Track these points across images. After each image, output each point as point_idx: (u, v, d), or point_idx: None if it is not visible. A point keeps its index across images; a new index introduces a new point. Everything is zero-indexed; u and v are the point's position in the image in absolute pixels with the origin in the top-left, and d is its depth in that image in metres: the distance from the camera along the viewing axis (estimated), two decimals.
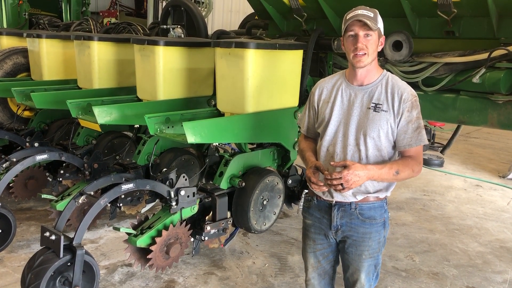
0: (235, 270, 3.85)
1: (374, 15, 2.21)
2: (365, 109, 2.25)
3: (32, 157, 3.20)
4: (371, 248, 2.34)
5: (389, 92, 2.23)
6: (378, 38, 2.22)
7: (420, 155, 2.23)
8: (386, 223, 2.38)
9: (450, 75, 3.34)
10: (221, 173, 3.33)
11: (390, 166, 2.17)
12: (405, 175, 2.19)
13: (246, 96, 3.18)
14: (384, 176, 2.16)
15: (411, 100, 2.20)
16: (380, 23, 2.23)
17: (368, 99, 2.25)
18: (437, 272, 3.97)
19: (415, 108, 2.22)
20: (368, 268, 2.37)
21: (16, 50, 5.10)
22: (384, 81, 2.26)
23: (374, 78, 2.27)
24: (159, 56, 3.63)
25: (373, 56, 2.22)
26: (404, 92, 2.21)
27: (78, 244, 2.41)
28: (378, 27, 2.20)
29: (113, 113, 3.46)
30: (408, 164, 2.19)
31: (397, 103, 2.21)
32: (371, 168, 2.13)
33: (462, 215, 5.35)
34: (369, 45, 2.19)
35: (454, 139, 4.52)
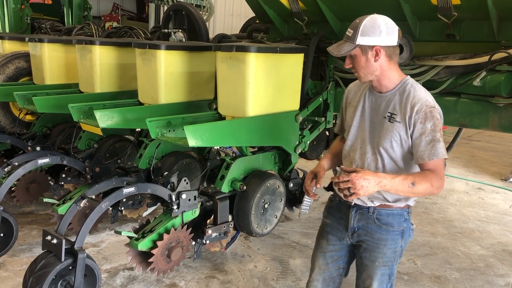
0: (236, 274, 3.85)
1: (354, 32, 2.13)
2: (381, 118, 2.21)
3: (34, 161, 3.21)
4: (386, 256, 2.27)
5: (403, 102, 2.15)
6: (364, 54, 2.14)
7: (439, 169, 2.08)
8: (406, 233, 2.30)
9: (451, 78, 3.33)
10: (222, 176, 3.33)
11: (405, 177, 2.04)
12: (423, 189, 2.05)
13: (247, 99, 3.18)
14: (398, 186, 2.02)
15: (424, 111, 2.09)
16: (362, 38, 2.12)
17: (385, 108, 2.21)
18: (439, 276, 3.96)
19: (430, 120, 2.09)
20: (382, 277, 2.30)
21: (18, 55, 5.12)
22: (402, 90, 2.18)
23: (392, 86, 2.21)
24: (160, 60, 3.63)
25: (369, 70, 2.17)
26: (418, 102, 2.11)
27: (79, 248, 2.41)
28: (357, 44, 2.12)
29: (115, 117, 3.46)
30: (426, 177, 2.05)
31: (409, 113, 2.12)
32: (382, 176, 2.02)
33: (464, 218, 5.34)
34: (355, 64, 2.18)
35: (455, 142, 4.52)
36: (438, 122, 2.10)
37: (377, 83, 2.23)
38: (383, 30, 2.12)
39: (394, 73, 2.20)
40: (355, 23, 2.16)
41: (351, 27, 2.17)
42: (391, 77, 2.20)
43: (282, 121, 3.51)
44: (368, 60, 2.14)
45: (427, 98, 2.13)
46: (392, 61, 2.19)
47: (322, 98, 3.96)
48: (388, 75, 2.19)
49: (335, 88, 4.01)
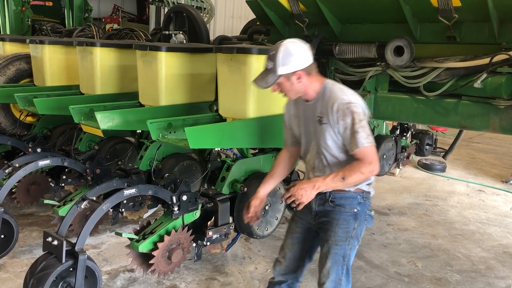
0: (237, 276, 3.84)
1: (273, 64, 2.33)
2: (315, 122, 2.46)
3: (34, 163, 3.21)
4: (337, 235, 2.46)
5: (324, 105, 2.39)
6: (288, 80, 2.37)
7: (367, 155, 2.29)
8: (360, 217, 2.50)
9: (452, 80, 3.33)
10: (223, 178, 3.34)
11: (336, 174, 2.32)
12: (355, 179, 2.31)
13: (248, 101, 3.19)
14: (331, 184, 2.31)
15: (341, 108, 2.32)
16: (282, 67, 2.33)
17: (314, 113, 2.46)
18: (440, 278, 3.96)
19: (348, 115, 2.30)
20: (335, 256, 2.47)
21: (19, 56, 5.13)
22: (322, 94, 2.42)
23: (316, 94, 2.45)
24: (161, 62, 3.64)
25: (294, 92, 2.43)
26: (335, 102, 2.34)
27: (80, 250, 2.41)
28: (279, 75, 2.34)
29: (116, 119, 3.47)
30: (354, 168, 2.29)
31: (331, 114, 2.36)
32: (314, 180, 2.33)
33: (465, 220, 5.33)
34: (282, 89, 2.43)
35: (456, 144, 4.53)
36: (357, 114, 2.30)
37: (304, 96, 2.48)
38: (298, 55, 2.34)
39: (315, 83, 2.44)
40: (272, 54, 2.36)
41: (269, 59, 2.38)
42: (314, 88, 2.44)
43: (283, 123, 3.50)
44: (292, 84, 2.39)
45: (343, 96, 2.35)
46: (312, 75, 2.42)
47: None
48: (311, 87, 2.43)
49: None
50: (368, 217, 2.57)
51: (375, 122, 5.20)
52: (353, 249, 2.52)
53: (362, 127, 2.29)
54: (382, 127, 5.34)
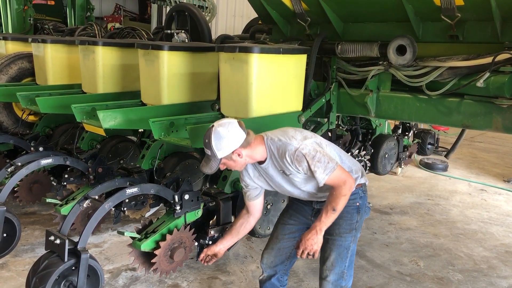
0: (239, 275, 3.84)
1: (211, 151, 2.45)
2: (282, 176, 2.56)
3: (36, 162, 3.21)
4: (342, 227, 2.58)
5: (279, 162, 2.49)
6: (230, 159, 2.49)
7: (337, 179, 2.41)
8: (362, 209, 2.64)
9: (454, 79, 3.32)
10: (225, 177, 3.33)
11: (326, 210, 2.43)
12: (342, 203, 2.42)
13: (250, 100, 3.18)
14: (328, 220, 2.43)
15: (294, 159, 2.42)
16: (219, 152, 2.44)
17: (276, 170, 2.55)
18: (442, 277, 3.95)
19: (302, 160, 2.41)
20: (339, 248, 2.59)
21: (21, 55, 5.13)
22: (270, 154, 2.52)
23: (264, 154, 2.54)
24: (163, 61, 3.63)
25: (240, 166, 2.55)
26: (285, 155, 2.44)
27: (82, 248, 2.41)
28: (219, 158, 2.46)
29: (118, 118, 3.46)
30: (336, 196, 2.41)
31: (289, 167, 2.46)
32: (315, 226, 2.44)
33: (467, 220, 5.33)
34: (229, 167, 2.56)
35: (458, 143, 4.52)
36: (307, 156, 2.40)
37: (255, 161, 2.58)
38: (229, 137, 2.44)
39: (258, 148, 2.53)
40: (206, 143, 2.47)
41: (206, 147, 2.48)
42: (259, 152, 2.53)
43: (285, 122, 3.50)
44: (235, 161, 2.50)
45: (288, 147, 2.44)
46: (251, 144, 2.50)
47: (325, 99, 3.94)
48: (256, 153, 2.53)
49: (338, 89, 4.00)
50: (367, 209, 2.72)
51: (377, 121, 5.20)
52: (355, 241, 2.64)
53: (317, 162, 2.39)
54: (384, 126, 5.34)
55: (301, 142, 2.45)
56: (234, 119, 2.53)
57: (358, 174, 2.65)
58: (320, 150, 2.44)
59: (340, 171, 2.43)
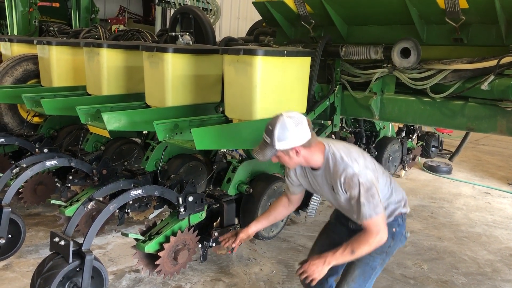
0: (242, 277, 3.84)
1: (271, 140, 2.34)
2: (329, 189, 2.49)
3: (41, 163, 3.22)
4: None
5: (332, 177, 2.42)
6: (286, 154, 2.38)
7: (373, 226, 2.30)
8: (397, 237, 2.53)
9: (459, 82, 3.31)
10: (229, 179, 3.34)
11: (345, 247, 2.33)
12: (364, 251, 2.32)
13: (254, 102, 3.19)
14: (340, 258, 2.33)
15: (347, 181, 2.33)
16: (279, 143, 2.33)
17: (325, 181, 2.49)
18: (446, 280, 3.94)
19: (355, 187, 2.31)
20: (365, 266, 2.51)
21: (26, 57, 5.16)
22: (327, 164, 2.43)
23: (320, 163, 2.45)
24: (167, 63, 3.65)
25: (293, 163, 2.45)
26: (341, 175, 2.35)
27: (87, 250, 2.41)
28: (277, 149, 2.35)
29: (122, 120, 3.48)
30: (362, 240, 2.31)
31: (339, 186, 2.38)
32: (325, 256, 2.34)
33: (471, 223, 5.30)
34: (281, 161, 2.45)
35: (462, 146, 4.50)
36: (363, 186, 2.29)
37: (307, 165, 2.50)
38: (296, 133, 2.33)
39: (317, 154, 2.43)
40: (268, 129, 2.37)
41: (266, 134, 2.38)
42: (316, 159, 2.44)
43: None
44: (291, 158, 2.40)
45: (347, 169, 2.34)
46: (311, 147, 2.40)
47: (329, 102, 3.95)
48: (312, 158, 2.43)
49: (342, 91, 4.00)
50: (403, 238, 2.59)
51: (381, 124, 5.20)
52: (382, 264, 2.55)
53: (369, 197, 2.29)
54: (388, 128, 5.34)
55: (362, 169, 2.35)
56: (304, 116, 2.44)
57: (401, 203, 2.58)
58: (376, 186, 2.34)
59: (381, 219, 2.32)
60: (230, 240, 2.82)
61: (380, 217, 2.30)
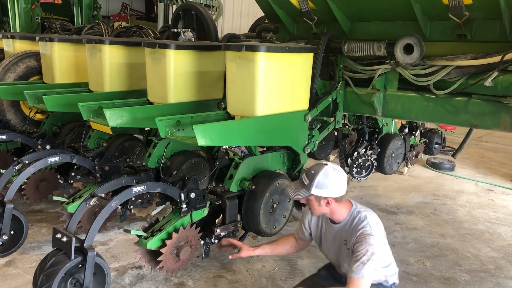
0: (244, 274, 3.84)
1: (309, 182, 2.52)
2: (341, 244, 2.65)
3: (44, 160, 3.22)
4: None
5: (350, 231, 2.57)
6: (317, 200, 2.56)
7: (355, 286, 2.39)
8: None
9: (462, 78, 3.29)
10: (231, 176, 3.33)
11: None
12: None
13: (256, 99, 3.17)
14: None
15: (361, 237, 2.48)
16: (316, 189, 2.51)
17: (341, 236, 2.64)
18: (448, 277, 3.93)
19: (364, 245, 2.44)
20: None
21: (28, 54, 5.15)
22: (350, 221, 2.60)
23: (342, 219, 2.63)
24: (170, 60, 3.63)
25: (319, 211, 2.62)
26: (359, 230, 2.51)
27: (89, 246, 2.41)
28: (311, 193, 2.52)
29: (124, 116, 3.47)
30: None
31: (353, 240, 2.52)
32: None
33: (474, 220, 5.29)
34: (309, 204, 2.62)
35: (466, 143, 4.48)
36: (371, 248, 2.43)
37: (330, 216, 2.67)
38: (334, 186, 2.52)
39: (343, 209, 2.62)
40: (311, 173, 2.54)
41: (307, 177, 2.55)
42: (341, 213, 2.62)
43: (291, 120, 3.50)
44: (320, 205, 2.58)
45: (365, 228, 2.51)
46: (341, 202, 2.60)
47: (332, 98, 3.93)
48: (338, 212, 2.62)
49: (345, 88, 3.98)
50: None
51: (384, 121, 5.17)
52: None
53: (370, 261, 2.40)
54: (390, 125, 5.31)
55: (377, 236, 2.50)
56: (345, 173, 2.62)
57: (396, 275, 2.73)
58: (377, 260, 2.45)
59: (365, 285, 2.42)
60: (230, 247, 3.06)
61: (366, 283, 2.40)
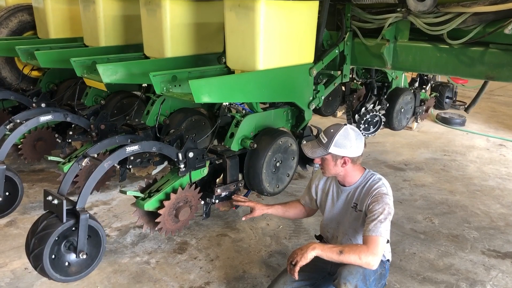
0: (248, 232, 3.79)
1: (328, 141, 2.51)
2: (348, 208, 2.64)
3: (35, 118, 3.09)
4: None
5: (363, 193, 2.57)
6: (334, 160, 2.54)
7: (373, 245, 2.33)
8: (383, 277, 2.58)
9: (479, 27, 3.10)
10: (232, 134, 3.20)
11: (336, 245, 2.38)
12: (350, 259, 2.30)
13: (257, 52, 2.98)
14: (328, 252, 2.32)
15: (376, 196, 2.48)
16: (334, 148, 2.49)
17: (351, 199, 2.64)
18: (457, 235, 3.85)
19: (381, 203, 2.44)
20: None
21: (21, 7, 4.94)
22: (363, 183, 2.60)
23: (353, 182, 2.64)
24: (165, 10, 3.44)
25: (333, 171, 2.60)
26: (374, 190, 2.51)
27: (81, 209, 2.31)
28: (329, 152, 2.51)
29: (119, 72, 3.31)
30: (356, 250, 2.32)
31: (366, 201, 2.51)
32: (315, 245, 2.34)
33: (484, 176, 5.17)
34: (324, 164, 2.60)
35: (480, 96, 4.28)
36: (387, 207, 2.43)
37: (341, 179, 2.67)
38: (353, 145, 2.52)
39: (356, 172, 2.63)
40: (330, 132, 2.54)
41: (325, 134, 2.55)
42: (353, 176, 2.63)
43: (295, 75, 3.32)
44: (336, 165, 2.57)
45: (382, 187, 2.52)
46: (356, 164, 2.60)
47: (338, 50, 3.77)
48: (351, 175, 2.62)
49: (352, 39, 3.81)
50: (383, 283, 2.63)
51: (394, 74, 4.97)
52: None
53: (387, 220, 2.40)
54: (400, 79, 5.13)
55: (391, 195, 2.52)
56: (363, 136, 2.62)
57: (389, 249, 2.71)
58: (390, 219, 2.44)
59: (383, 244, 2.37)
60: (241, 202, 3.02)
61: (384, 241, 2.37)
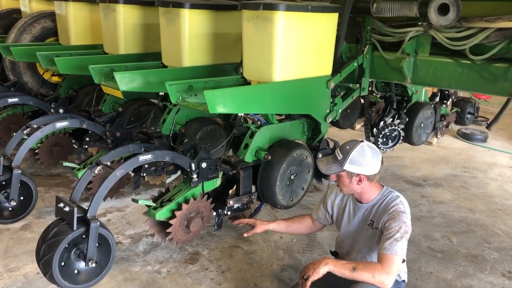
0: (261, 244, 3.74)
1: (343, 157, 2.48)
2: (365, 225, 2.61)
3: (52, 124, 3.12)
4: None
5: (380, 211, 2.52)
6: (349, 177, 2.51)
7: (388, 265, 2.26)
8: None
9: (503, 42, 3.03)
10: (246, 145, 3.16)
11: (349, 262, 2.33)
12: (363, 277, 2.24)
13: (274, 63, 2.95)
14: (341, 269, 2.27)
15: (393, 213, 2.44)
16: (349, 165, 2.46)
17: (367, 216, 2.60)
18: (476, 255, 3.73)
19: (398, 222, 2.38)
20: None
21: (44, 14, 5.04)
22: (381, 200, 2.56)
23: (371, 199, 2.59)
24: (184, 20, 3.45)
25: (349, 189, 2.56)
26: (392, 207, 2.47)
27: (92, 217, 2.31)
28: (344, 169, 2.48)
29: (136, 80, 3.33)
30: (369, 268, 2.25)
31: (383, 217, 2.48)
32: (328, 260, 2.30)
33: (506, 195, 5.02)
34: (340, 181, 2.57)
35: (503, 113, 4.17)
36: (404, 225, 2.38)
37: (358, 196, 2.63)
38: (369, 162, 2.47)
39: (373, 190, 2.58)
40: (346, 148, 2.50)
41: (341, 151, 2.51)
42: (370, 193, 2.59)
43: (312, 87, 3.29)
44: (351, 182, 2.53)
45: (399, 205, 2.48)
46: (373, 182, 2.55)
47: (357, 63, 3.72)
48: (368, 192, 2.58)
49: (372, 52, 3.76)
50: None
51: (414, 88, 4.90)
52: None
53: (403, 239, 2.34)
54: (421, 93, 5.04)
55: (409, 218, 2.47)
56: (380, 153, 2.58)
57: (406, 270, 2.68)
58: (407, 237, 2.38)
59: (398, 264, 2.30)
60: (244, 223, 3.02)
61: (399, 260, 2.30)
